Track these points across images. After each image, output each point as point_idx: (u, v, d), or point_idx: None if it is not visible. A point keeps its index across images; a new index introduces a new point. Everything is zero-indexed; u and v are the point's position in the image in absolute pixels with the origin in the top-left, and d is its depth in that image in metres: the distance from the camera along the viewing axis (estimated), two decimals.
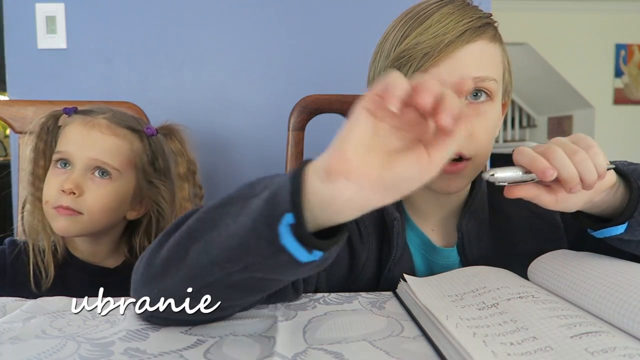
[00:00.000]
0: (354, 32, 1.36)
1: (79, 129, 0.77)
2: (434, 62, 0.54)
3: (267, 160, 1.36)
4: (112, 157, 0.76)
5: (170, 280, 0.40)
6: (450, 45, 0.54)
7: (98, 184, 0.75)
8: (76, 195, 0.73)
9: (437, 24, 0.55)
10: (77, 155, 0.75)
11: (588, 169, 0.44)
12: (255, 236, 0.34)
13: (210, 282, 0.38)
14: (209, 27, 1.36)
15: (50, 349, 0.39)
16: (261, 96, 1.37)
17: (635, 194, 0.48)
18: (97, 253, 0.82)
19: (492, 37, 0.58)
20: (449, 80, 0.53)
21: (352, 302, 0.52)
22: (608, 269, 0.48)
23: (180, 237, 0.40)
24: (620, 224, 0.49)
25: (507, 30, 3.09)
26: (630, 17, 4.46)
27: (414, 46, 0.55)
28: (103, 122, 0.78)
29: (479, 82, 0.55)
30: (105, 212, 0.76)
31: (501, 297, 0.45)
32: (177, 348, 0.39)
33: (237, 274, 0.37)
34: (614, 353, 0.32)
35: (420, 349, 0.39)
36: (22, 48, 1.32)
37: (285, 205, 0.33)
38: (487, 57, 0.57)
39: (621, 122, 4.61)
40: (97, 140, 0.76)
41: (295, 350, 0.39)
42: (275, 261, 0.35)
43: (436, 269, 0.63)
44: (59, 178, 0.75)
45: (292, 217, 0.33)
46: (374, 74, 0.62)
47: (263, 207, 0.34)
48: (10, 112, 0.95)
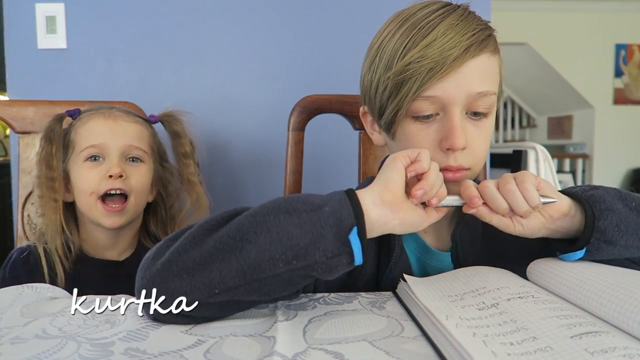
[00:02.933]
0: (353, 33, 1.36)
1: (104, 121, 0.82)
2: (440, 77, 0.55)
3: (267, 160, 1.36)
4: (140, 142, 0.85)
5: (216, 273, 0.43)
6: (457, 61, 0.54)
7: (135, 167, 0.83)
8: (124, 178, 0.80)
9: (442, 37, 0.55)
10: (111, 145, 0.81)
11: (515, 201, 0.51)
12: (329, 237, 0.43)
13: (266, 277, 0.43)
14: (209, 27, 1.36)
15: (50, 349, 0.39)
16: (261, 96, 1.37)
17: (589, 220, 0.51)
18: (117, 246, 0.86)
19: (493, 49, 0.59)
20: (453, 96, 0.55)
21: (352, 302, 0.52)
22: (607, 269, 0.48)
23: (227, 237, 0.44)
24: (580, 249, 0.52)
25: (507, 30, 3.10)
26: (630, 17, 4.46)
27: (419, 60, 0.55)
28: (121, 113, 0.85)
29: (480, 97, 0.56)
30: (144, 193, 0.85)
31: (501, 297, 0.45)
32: (177, 348, 0.39)
33: (297, 270, 0.43)
34: (614, 353, 0.32)
35: (420, 349, 0.39)
36: (22, 48, 1.32)
37: (351, 219, 0.44)
38: (489, 71, 0.58)
39: (621, 122, 4.61)
40: (126, 128, 0.83)
41: (295, 350, 0.39)
42: (337, 261, 0.44)
43: (430, 271, 0.64)
44: (96, 170, 0.80)
45: (357, 229, 0.44)
46: (371, 81, 0.61)
47: (331, 219, 0.44)
48: (10, 112, 0.95)
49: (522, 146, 2.03)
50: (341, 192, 0.47)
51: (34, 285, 0.56)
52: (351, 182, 0.94)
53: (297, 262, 0.43)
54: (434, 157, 0.55)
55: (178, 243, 0.45)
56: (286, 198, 0.47)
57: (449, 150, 0.56)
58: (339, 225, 0.44)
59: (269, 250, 0.43)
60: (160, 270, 0.44)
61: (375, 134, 0.68)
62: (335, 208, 0.44)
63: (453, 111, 0.56)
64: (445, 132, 0.56)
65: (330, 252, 0.43)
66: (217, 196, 1.32)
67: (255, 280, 0.43)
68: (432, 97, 0.55)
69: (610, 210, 0.51)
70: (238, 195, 1.39)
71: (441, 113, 0.57)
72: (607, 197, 0.53)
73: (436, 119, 0.57)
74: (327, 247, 0.43)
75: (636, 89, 4.61)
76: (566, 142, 5.09)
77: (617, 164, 4.69)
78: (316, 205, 0.45)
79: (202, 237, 0.45)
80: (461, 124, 0.56)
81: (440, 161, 0.56)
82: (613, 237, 0.51)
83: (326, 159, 1.35)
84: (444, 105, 0.56)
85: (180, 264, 0.43)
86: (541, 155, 1.92)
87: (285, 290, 0.46)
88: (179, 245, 0.45)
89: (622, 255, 0.53)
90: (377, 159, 0.91)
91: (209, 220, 0.46)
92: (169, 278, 0.43)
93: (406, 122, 0.59)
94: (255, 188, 1.39)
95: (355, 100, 0.91)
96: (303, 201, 0.46)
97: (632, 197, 0.55)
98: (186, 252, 0.44)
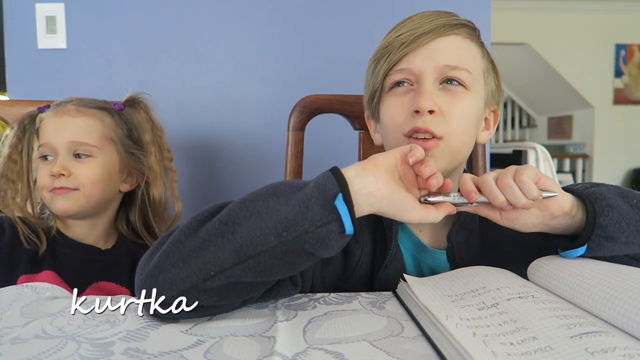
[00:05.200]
0: (354, 33, 1.36)
1: (52, 119, 0.83)
2: (409, 49, 0.60)
3: (267, 160, 1.36)
4: (86, 136, 0.82)
5: (211, 256, 0.44)
6: (425, 36, 0.60)
7: (82, 162, 0.82)
8: (66, 176, 0.80)
9: (416, 19, 0.62)
10: (56, 143, 0.81)
11: (512, 194, 0.50)
12: (315, 207, 0.44)
13: (258, 252, 0.44)
14: (209, 27, 1.36)
15: (50, 349, 0.39)
16: (261, 96, 1.37)
17: (590, 217, 0.51)
18: (93, 235, 0.87)
19: (468, 34, 0.62)
20: (421, 67, 0.59)
21: (352, 302, 0.52)
22: (608, 269, 0.48)
23: (219, 223, 0.45)
24: (581, 246, 0.52)
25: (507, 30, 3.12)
26: (630, 17, 4.46)
27: (394, 39, 0.61)
28: (72, 108, 0.84)
29: (450, 70, 0.60)
30: (97, 184, 0.83)
31: (501, 297, 0.45)
32: (177, 348, 0.39)
33: (289, 243, 0.44)
34: (614, 353, 0.32)
35: (420, 349, 0.39)
36: (22, 48, 1.32)
37: (335, 188, 0.45)
38: (461, 51, 0.61)
39: (621, 122, 4.61)
40: (69, 124, 0.82)
41: (295, 350, 0.39)
42: (327, 230, 0.44)
43: (425, 269, 0.65)
44: (46, 168, 0.81)
45: (342, 196, 0.45)
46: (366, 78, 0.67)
47: (315, 191, 0.45)
48: (10, 112, 0.95)
49: (522, 146, 2.03)
50: (325, 171, 0.48)
51: (33, 285, 0.56)
52: None
53: (287, 233, 0.44)
54: (405, 122, 0.60)
55: (172, 236, 0.47)
56: (273, 184, 0.49)
57: (417, 113, 0.58)
58: (324, 195, 0.45)
59: (260, 227, 0.44)
60: (157, 263, 0.45)
61: (377, 135, 0.70)
62: (319, 182, 0.46)
63: (423, 80, 0.60)
64: (416, 97, 0.59)
65: (319, 220, 0.44)
66: (217, 196, 1.32)
67: (249, 257, 0.44)
68: (404, 69, 0.61)
69: (611, 207, 0.52)
70: (238, 195, 1.38)
71: (415, 84, 0.61)
72: (608, 194, 0.53)
73: (410, 89, 0.61)
74: (314, 217, 0.44)
75: (636, 89, 4.61)
76: (566, 142, 5.09)
77: (617, 164, 4.69)
78: (301, 185, 0.47)
79: (195, 228, 0.46)
80: (431, 91, 0.59)
81: (409, 123, 0.59)
82: (614, 234, 0.51)
83: (326, 159, 1.34)
84: (416, 77, 0.60)
85: (175, 254, 0.45)
86: (541, 155, 1.92)
87: (282, 268, 0.46)
88: (173, 238, 0.46)
89: (623, 251, 0.54)
90: None
91: (201, 212, 0.48)
92: (165, 268, 0.44)
93: (386, 96, 0.63)
94: (255, 188, 1.38)
95: (355, 100, 0.91)
96: (290, 184, 0.48)
97: (633, 194, 0.55)
98: (181, 243, 0.45)
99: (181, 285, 0.44)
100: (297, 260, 0.46)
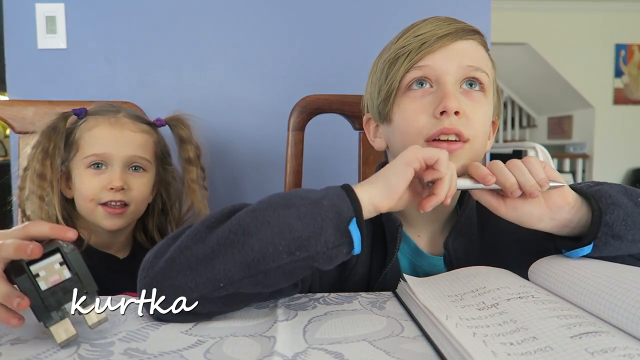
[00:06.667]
0: (354, 33, 1.36)
1: (110, 130, 0.82)
2: (430, 50, 0.58)
3: (267, 160, 1.36)
4: (144, 151, 0.85)
5: (220, 267, 0.43)
6: (446, 37, 0.58)
7: (137, 176, 0.84)
8: (125, 190, 0.81)
9: (434, 22, 0.60)
10: (115, 155, 0.81)
11: (521, 173, 0.51)
12: (329, 229, 0.44)
13: (270, 268, 0.44)
14: (209, 27, 1.36)
15: (50, 349, 0.39)
16: (261, 96, 1.37)
17: (596, 215, 0.51)
18: (116, 244, 0.87)
19: (482, 42, 0.62)
20: (444, 67, 0.58)
21: (352, 302, 0.52)
22: (608, 269, 0.48)
23: (229, 232, 0.45)
24: (586, 245, 0.52)
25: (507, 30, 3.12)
26: (630, 17, 4.46)
27: (413, 39, 0.59)
28: (127, 121, 0.84)
29: (473, 70, 0.59)
30: (145, 200, 0.86)
31: (501, 297, 0.45)
32: (177, 348, 0.39)
33: (300, 261, 0.44)
34: (614, 353, 0.32)
35: (420, 349, 0.39)
36: (22, 48, 1.32)
37: (349, 212, 0.46)
38: (479, 54, 0.61)
39: (621, 122, 4.61)
40: (130, 139, 0.83)
41: (295, 350, 0.39)
42: (337, 251, 0.45)
43: (421, 274, 0.63)
44: (98, 177, 0.81)
45: (355, 220, 0.46)
46: (371, 80, 0.66)
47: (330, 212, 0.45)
48: (10, 112, 0.95)
49: (522, 146, 2.03)
50: (337, 187, 0.48)
51: None
52: (351, 182, 0.93)
53: (300, 253, 0.44)
54: (429, 126, 0.57)
55: (179, 241, 0.46)
56: (282, 194, 0.48)
57: (443, 114, 0.57)
58: (338, 217, 0.45)
59: (272, 243, 0.44)
60: (163, 269, 0.44)
61: (377, 140, 0.68)
62: (333, 202, 0.46)
63: (446, 80, 0.58)
64: (439, 99, 0.57)
65: (332, 242, 0.45)
66: (218, 196, 1.32)
67: (259, 272, 0.44)
68: (425, 66, 0.59)
69: (616, 205, 0.51)
70: (238, 195, 1.39)
71: (434, 86, 0.59)
72: (612, 192, 0.53)
73: (430, 91, 0.59)
74: (328, 239, 0.44)
75: (636, 89, 4.61)
76: (566, 142, 5.09)
77: (617, 164, 4.69)
78: (313, 200, 0.46)
79: (204, 234, 0.45)
80: (455, 92, 0.58)
81: (434, 126, 0.57)
82: (620, 232, 0.51)
83: (326, 159, 1.35)
84: (437, 77, 0.58)
85: (183, 261, 0.44)
86: (541, 155, 1.92)
87: (286, 281, 0.47)
88: (180, 243, 0.45)
89: (630, 250, 0.53)
90: (377, 159, 0.91)
91: (209, 218, 0.47)
92: (172, 275, 0.44)
93: (402, 99, 0.60)
94: (255, 188, 1.39)
95: (355, 100, 0.91)
96: (300, 196, 0.47)
97: (637, 192, 0.55)
98: (188, 249, 0.44)
99: (188, 294, 0.43)
100: (301, 273, 0.47)
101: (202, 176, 0.95)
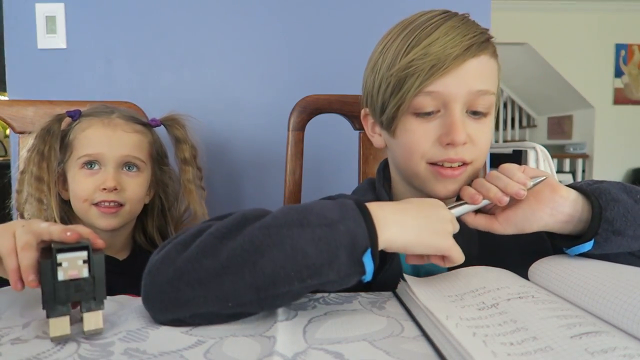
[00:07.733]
0: (353, 33, 1.36)
1: (103, 130, 0.82)
2: (442, 74, 0.57)
3: (267, 160, 1.36)
4: (138, 151, 0.84)
5: (230, 286, 0.43)
6: (458, 59, 0.56)
7: (131, 177, 0.83)
8: (118, 190, 0.80)
9: (444, 37, 0.57)
10: (108, 155, 0.81)
11: (501, 182, 0.54)
12: (343, 257, 0.44)
13: (279, 293, 0.43)
14: (209, 27, 1.36)
15: (50, 349, 0.39)
16: (261, 96, 1.37)
17: (596, 211, 0.52)
18: (112, 246, 0.86)
19: (492, 52, 0.61)
20: (454, 93, 0.57)
21: (352, 302, 0.52)
22: (607, 269, 0.48)
23: (241, 249, 0.43)
24: (587, 241, 0.53)
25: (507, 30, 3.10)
26: (630, 17, 4.46)
27: (422, 57, 0.57)
28: (121, 121, 0.84)
29: (482, 95, 0.58)
30: (140, 201, 0.85)
31: (501, 297, 0.45)
32: (177, 348, 0.39)
33: (311, 287, 0.44)
34: (614, 353, 0.32)
35: (420, 349, 0.39)
36: (22, 48, 1.32)
37: (365, 241, 0.44)
38: (489, 71, 0.60)
39: (621, 122, 4.61)
40: (124, 139, 0.83)
41: (295, 350, 0.39)
42: (349, 279, 0.45)
43: (422, 274, 0.63)
44: (92, 178, 0.80)
45: (370, 251, 0.45)
46: (374, 80, 0.63)
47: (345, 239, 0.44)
48: (10, 112, 0.95)
49: (522, 146, 2.02)
50: (355, 208, 0.46)
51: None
52: (351, 182, 0.94)
53: (311, 280, 0.43)
54: (433, 152, 0.59)
55: (189, 252, 0.44)
56: (298, 209, 0.46)
57: (450, 145, 0.58)
58: (353, 245, 0.44)
59: (284, 268, 0.43)
60: (172, 279, 0.43)
61: (376, 136, 0.68)
62: (350, 227, 0.44)
63: (454, 107, 0.58)
64: (446, 127, 0.58)
65: (344, 272, 0.44)
66: (218, 196, 1.32)
67: (269, 296, 0.43)
68: (434, 92, 0.57)
69: (616, 201, 0.52)
70: (238, 196, 1.39)
71: (442, 110, 0.59)
72: (612, 189, 0.53)
73: (437, 116, 0.59)
74: (340, 268, 0.44)
75: (636, 89, 4.61)
76: (566, 142, 5.08)
77: (617, 164, 4.69)
78: (330, 221, 0.45)
79: (214, 246, 0.44)
80: (462, 120, 0.58)
81: (439, 154, 0.58)
82: (621, 227, 0.51)
83: (326, 159, 1.35)
84: (445, 102, 0.58)
85: (192, 274, 0.43)
86: (541, 155, 1.92)
87: (292, 301, 0.49)
88: (190, 254, 0.44)
89: (631, 247, 0.53)
90: (377, 159, 0.91)
91: (220, 228, 0.45)
92: (180, 288, 0.43)
93: (407, 118, 0.60)
94: (255, 188, 1.39)
95: (355, 100, 0.91)
96: (317, 214, 0.45)
97: (637, 189, 0.56)
98: (198, 262, 0.43)
99: (196, 309, 0.43)
100: (307, 293, 0.48)
101: (198, 176, 0.94)
